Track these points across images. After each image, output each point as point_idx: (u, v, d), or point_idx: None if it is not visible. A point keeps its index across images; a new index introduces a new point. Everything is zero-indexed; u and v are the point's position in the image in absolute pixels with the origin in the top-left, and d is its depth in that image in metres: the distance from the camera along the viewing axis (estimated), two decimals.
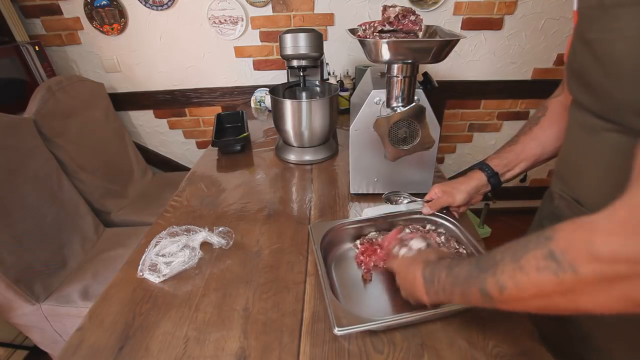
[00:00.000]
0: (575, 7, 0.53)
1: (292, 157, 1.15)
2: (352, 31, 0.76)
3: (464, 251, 0.69)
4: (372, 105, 0.81)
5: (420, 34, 0.77)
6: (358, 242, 0.74)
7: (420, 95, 0.79)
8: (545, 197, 0.68)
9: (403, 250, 0.62)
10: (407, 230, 0.73)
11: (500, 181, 0.72)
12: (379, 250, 0.69)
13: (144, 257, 0.73)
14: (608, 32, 0.40)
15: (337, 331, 0.51)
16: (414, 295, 0.53)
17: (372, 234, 0.75)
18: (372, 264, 0.68)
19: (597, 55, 0.42)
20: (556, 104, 0.67)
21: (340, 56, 1.76)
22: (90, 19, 1.64)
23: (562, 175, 0.58)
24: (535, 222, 0.72)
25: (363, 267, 0.69)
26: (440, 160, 2.10)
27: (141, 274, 0.70)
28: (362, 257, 0.69)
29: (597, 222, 0.31)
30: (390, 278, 0.68)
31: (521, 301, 0.37)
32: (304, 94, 1.27)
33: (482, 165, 0.73)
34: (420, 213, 0.77)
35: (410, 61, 0.71)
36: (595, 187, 0.49)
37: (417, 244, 0.62)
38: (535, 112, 0.71)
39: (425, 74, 0.89)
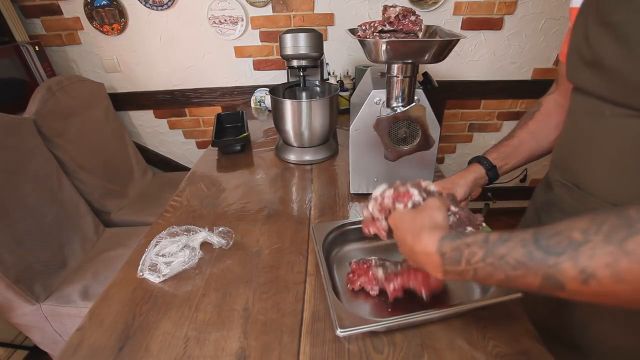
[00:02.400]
0: (572, 3, 0.54)
1: (292, 157, 1.15)
2: (352, 31, 0.76)
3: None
4: (372, 105, 0.81)
5: (420, 34, 0.77)
6: (354, 260, 0.66)
7: (420, 95, 0.79)
8: (539, 187, 0.68)
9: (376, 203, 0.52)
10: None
11: (497, 174, 0.72)
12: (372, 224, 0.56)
13: (144, 257, 0.73)
14: (633, 13, 0.40)
15: (339, 332, 0.51)
16: (420, 266, 0.45)
17: (373, 258, 0.66)
18: (359, 284, 0.63)
19: (620, 37, 0.42)
20: (550, 101, 0.69)
21: (340, 56, 1.76)
22: (90, 19, 1.64)
23: (562, 162, 0.59)
24: (529, 214, 0.73)
25: (349, 285, 0.64)
26: (440, 160, 2.10)
27: (141, 274, 0.70)
28: (350, 276, 0.64)
29: None
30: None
31: (610, 295, 0.30)
32: (304, 94, 1.27)
33: (479, 159, 0.73)
34: None
35: (410, 61, 0.71)
36: (601, 171, 0.50)
37: (381, 189, 0.52)
38: (530, 108, 0.72)
39: (425, 74, 0.89)
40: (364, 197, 0.93)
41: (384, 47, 0.67)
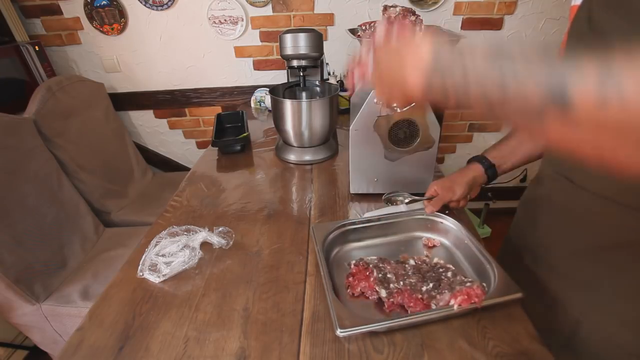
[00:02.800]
0: (573, 2, 0.54)
1: (292, 157, 1.15)
2: (352, 31, 0.76)
3: None
4: (372, 105, 0.81)
5: None
6: (353, 261, 0.67)
7: None
8: (530, 186, 0.69)
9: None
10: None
11: (496, 173, 0.73)
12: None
13: (144, 257, 0.73)
14: None
15: (339, 332, 0.51)
16: (398, 81, 0.39)
17: (372, 259, 0.66)
18: (360, 289, 0.62)
19: (631, 12, 0.39)
20: None
21: (340, 56, 1.75)
22: (90, 19, 1.64)
23: (555, 156, 0.59)
24: (520, 211, 0.73)
25: (349, 290, 0.63)
26: (440, 160, 2.10)
27: (141, 274, 0.70)
28: (350, 279, 0.64)
29: None
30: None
31: (623, 127, 0.23)
32: (304, 94, 1.27)
33: (479, 158, 0.73)
34: (422, 213, 0.77)
35: None
36: None
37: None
38: None
39: None
40: (364, 197, 0.93)
41: None
